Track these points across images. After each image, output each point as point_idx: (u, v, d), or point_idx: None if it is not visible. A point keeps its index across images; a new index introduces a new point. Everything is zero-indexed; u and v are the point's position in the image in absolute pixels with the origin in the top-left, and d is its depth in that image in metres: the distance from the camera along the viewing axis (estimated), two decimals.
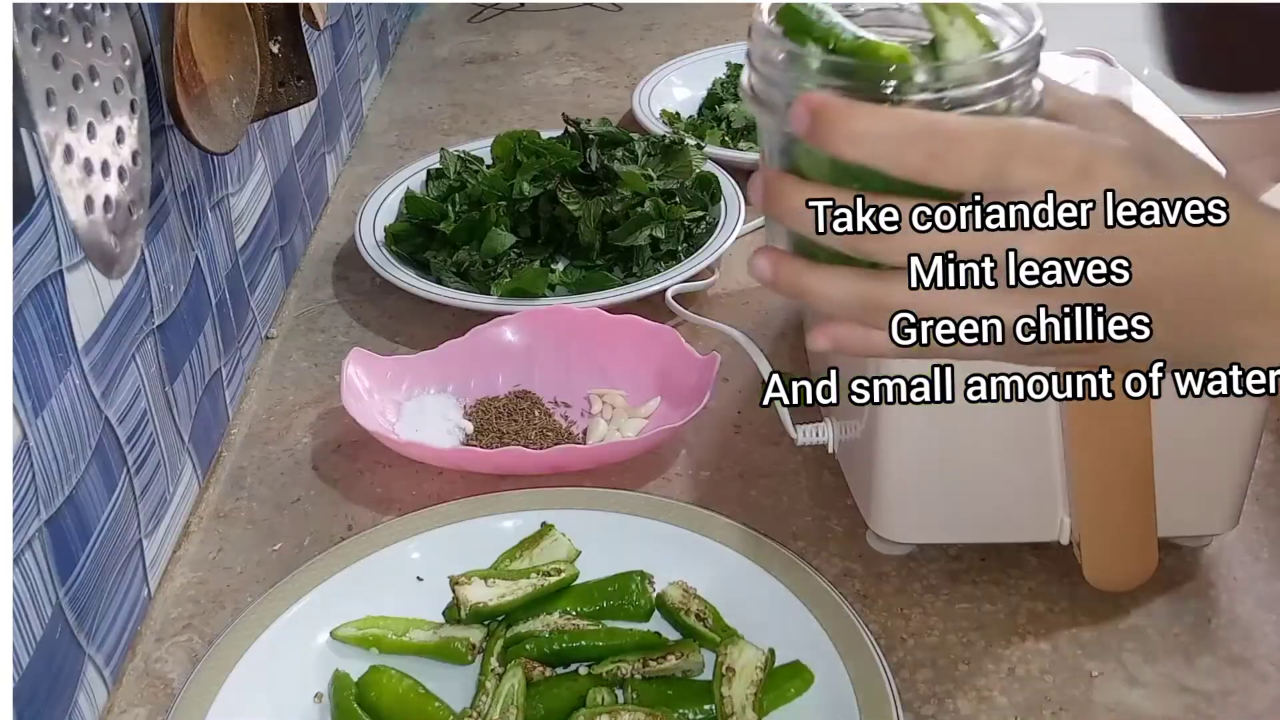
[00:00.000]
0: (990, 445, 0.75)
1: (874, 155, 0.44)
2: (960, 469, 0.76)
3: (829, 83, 0.45)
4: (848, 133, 0.44)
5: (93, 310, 0.72)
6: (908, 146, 0.44)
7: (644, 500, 0.83)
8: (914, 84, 0.45)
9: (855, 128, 0.44)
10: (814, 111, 0.44)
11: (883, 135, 0.44)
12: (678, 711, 0.70)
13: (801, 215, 0.46)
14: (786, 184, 0.47)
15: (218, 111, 0.82)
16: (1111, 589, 0.77)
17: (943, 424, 0.75)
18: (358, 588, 0.78)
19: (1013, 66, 0.46)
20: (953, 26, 0.47)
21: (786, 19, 0.48)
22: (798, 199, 0.46)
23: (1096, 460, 0.73)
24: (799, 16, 0.48)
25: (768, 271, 0.49)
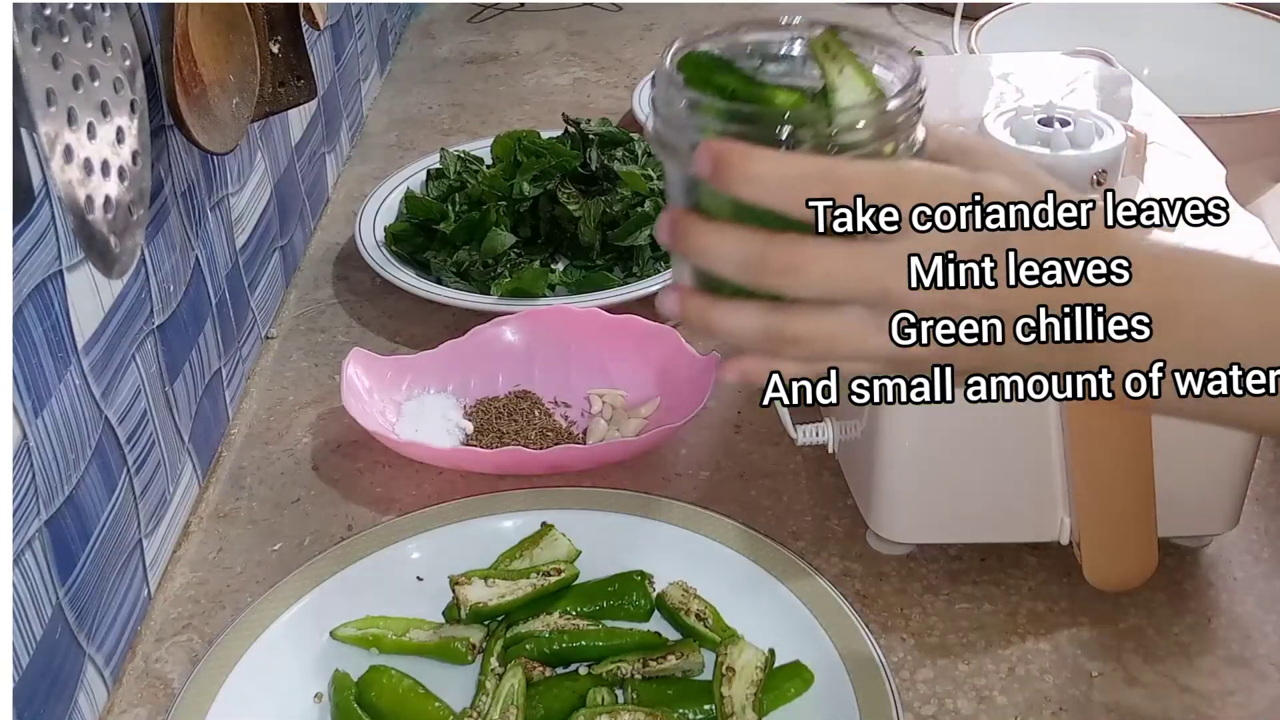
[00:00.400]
0: (990, 445, 0.75)
1: (772, 197, 0.47)
2: (960, 469, 0.76)
3: (728, 129, 0.48)
4: (747, 176, 0.47)
5: (93, 310, 0.72)
6: (803, 189, 0.46)
7: (644, 500, 0.83)
8: (807, 130, 0.48)
9: (754, 172, 0.47)
10: (715, 157, 0.47)
11: (780, 179, 0.47)
12: (678, 711, 0.70)
13: (706, 252, 0.49)
14: (691, 223, 0.49)
15: (218, 111, 0.82)
16: (1111, 589, 0.77)
17: (943, 424, 0.75)
18: (358, 588, 0.78)
19: (897, 113, 0.49)
20: (841, 75, 0.50)
21: (687, 68, 0.51)
22: (702, 237, 0.49)
23: (1096, 460, 0.73)
24: (699, 66, 0.51)
25: (675, 309, 0.51)
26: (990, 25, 1.24)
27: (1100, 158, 0.72)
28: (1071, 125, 0.73)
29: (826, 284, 0.48)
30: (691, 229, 0.49)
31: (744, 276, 0.48)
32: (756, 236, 0.48)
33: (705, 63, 0.51)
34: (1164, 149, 0.82)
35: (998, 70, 0.93)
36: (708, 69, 0.51)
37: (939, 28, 1.60)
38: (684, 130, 0.49)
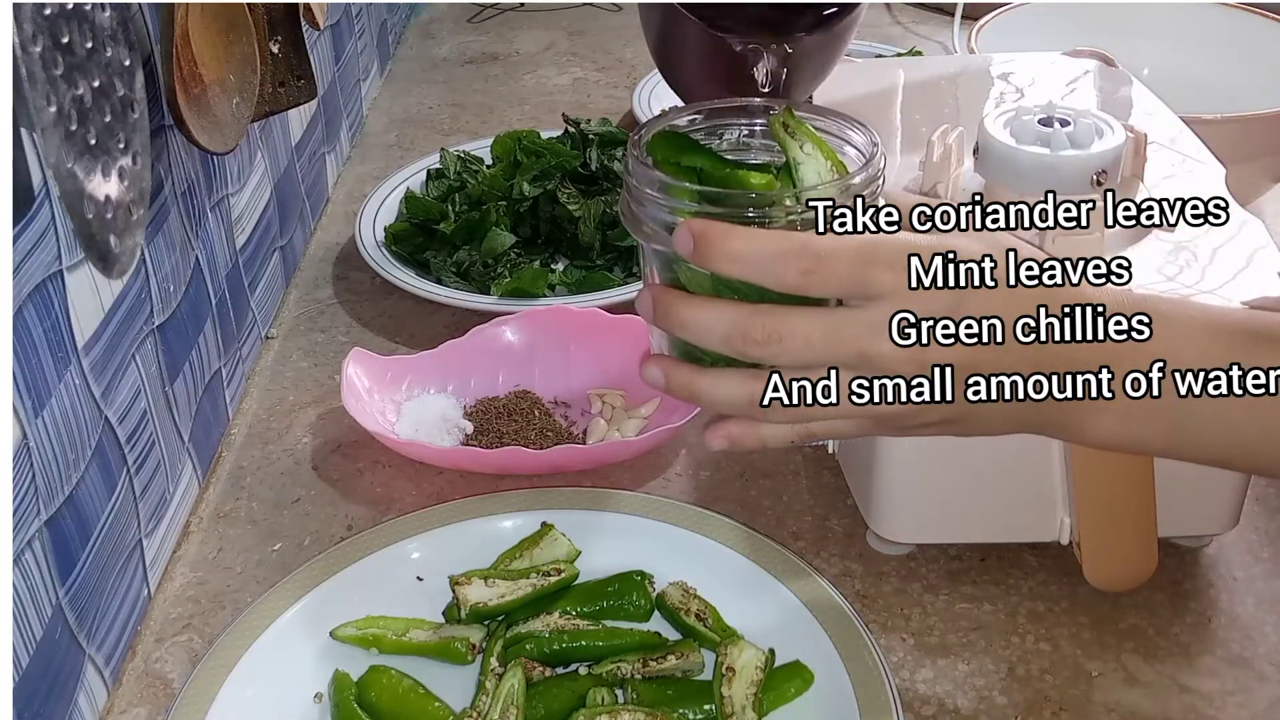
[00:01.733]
0: (990, 446, 0.75)
1: (751, 273, 0.50)
2: (960, 469, 0.76)
3: (703, 209, 0.51)
4: (728, 254, 0.50)
5: (93, 310, 0.72)
6: (782, 265, 0.49)
7: (644, 500, 0.83)
8: (778, 209, 0.51)
9: (733, 250, 0.50)
10: (697, 236, 0.49)
11: (759, 255, 0.50)
12: (678, 711, 0.70)
13: (689, 327, 0.52)
14: (673, 299, 0.52)
15: (218, 111, 0.82)
16: (1111, 589, 0.77)
17: None
18: (358, 588, 0.78)
19: (863, 186, 0.52)
20: (802, 150, 0.53)
21: (657, 150, 0.54)
22: (685, 312, 0.52)
23: (1096, 460, 0.73)
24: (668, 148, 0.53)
25: (660, 380, 0.54)
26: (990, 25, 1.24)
27: (1100, 158, 0.72)
28: (1071, 125, 0.73)
29: (807, 352, 0.50)
30: (674, 305, 0.52)
31: (728, 348, 0.51)
32: (739, 310, 0.51)
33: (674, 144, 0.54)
34: (1164, 149, 0.82)
35: (998, 70, 0.93)
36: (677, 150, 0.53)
37: (939, 28, 1.60)
38: (658, 210, 0.52)
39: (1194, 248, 0.74)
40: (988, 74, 0.92)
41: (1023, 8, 1.28)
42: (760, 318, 0.50)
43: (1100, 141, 0.72)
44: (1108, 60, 0.94)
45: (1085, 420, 0.54)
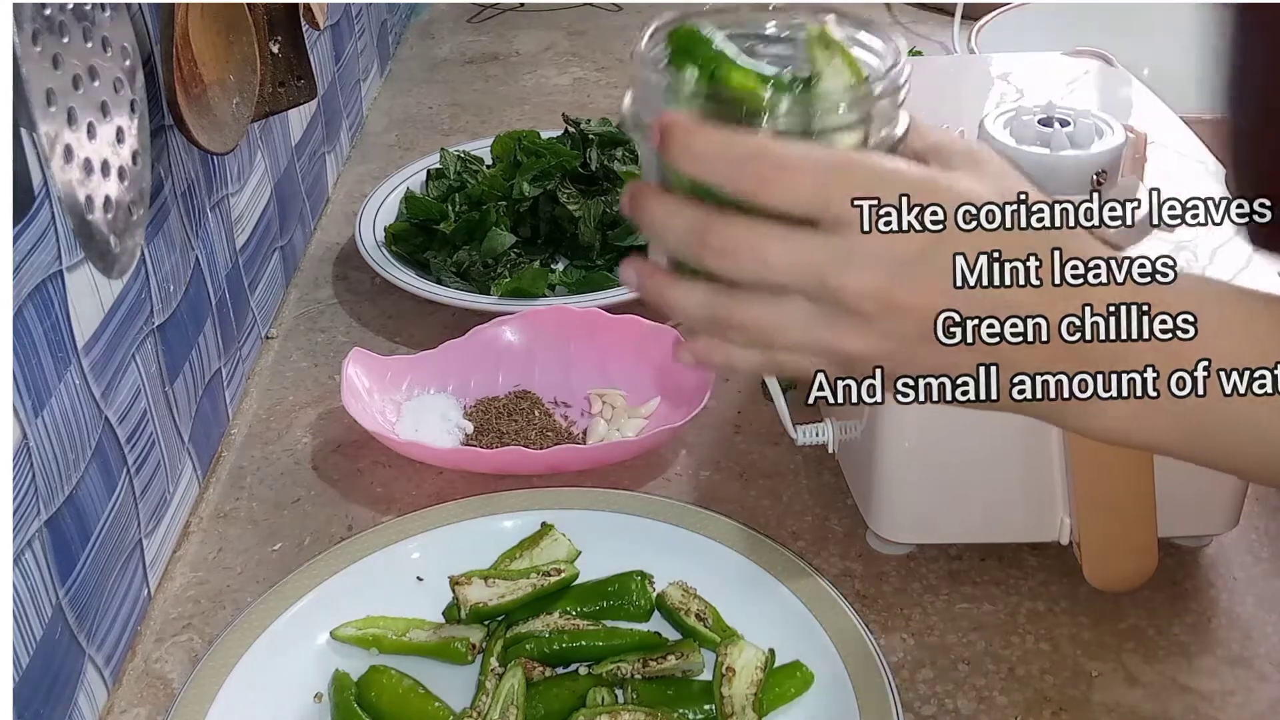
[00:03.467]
0: (990, 445, 0.75)
1: (710, 173, 0.47)
2: (960, 469, 0.76)
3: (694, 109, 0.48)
4: (689, 151, 0.47)
5: (93, 310, 0.72)
6: (738, 168, 0.46)
7: (644, 500, 0.83)
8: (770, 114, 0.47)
9: (695, 147, 0.46)
10: (663, 129, 0.47)
11: (717, 156, 0.46)
12: (678, 711, 0.70)
13: (654, 224, 0.49)
14: (648, 193, 0.49)
15: (218, 111, 0.82)
16: (1111, 589, 0.77)
17: (943, 424, 0.75)
18: (358, 588, 0.78)
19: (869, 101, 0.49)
20: (830, 65, 0.50)
21: (677, 39, 0.51)
22: (654, 208, 0.49)
23: (1096, 460, 0.73)
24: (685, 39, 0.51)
25: (633, 280, 0.51)
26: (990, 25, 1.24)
27: (1100, 158, 0.72)
28: (1071, 125, 0.73)
29: (761, 270, 0.47)
30: (646, 200, 0.49)
31: (686, 252, 0.48)
32: (701, 213, 0.47)
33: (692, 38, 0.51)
34: (1164, 149, 0.82)
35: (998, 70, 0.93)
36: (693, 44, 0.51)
37: (939, 28, 1.60)
38: (654, 109, 0.49)
39: (1194, 247, 0.74)
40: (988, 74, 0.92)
41: (1023, 8, 1.28)
42: (720, 224, 0.47)
43: (1100, 141, 0.72)
44: (1108, 60, 0.94)
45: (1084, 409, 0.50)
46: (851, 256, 0.46)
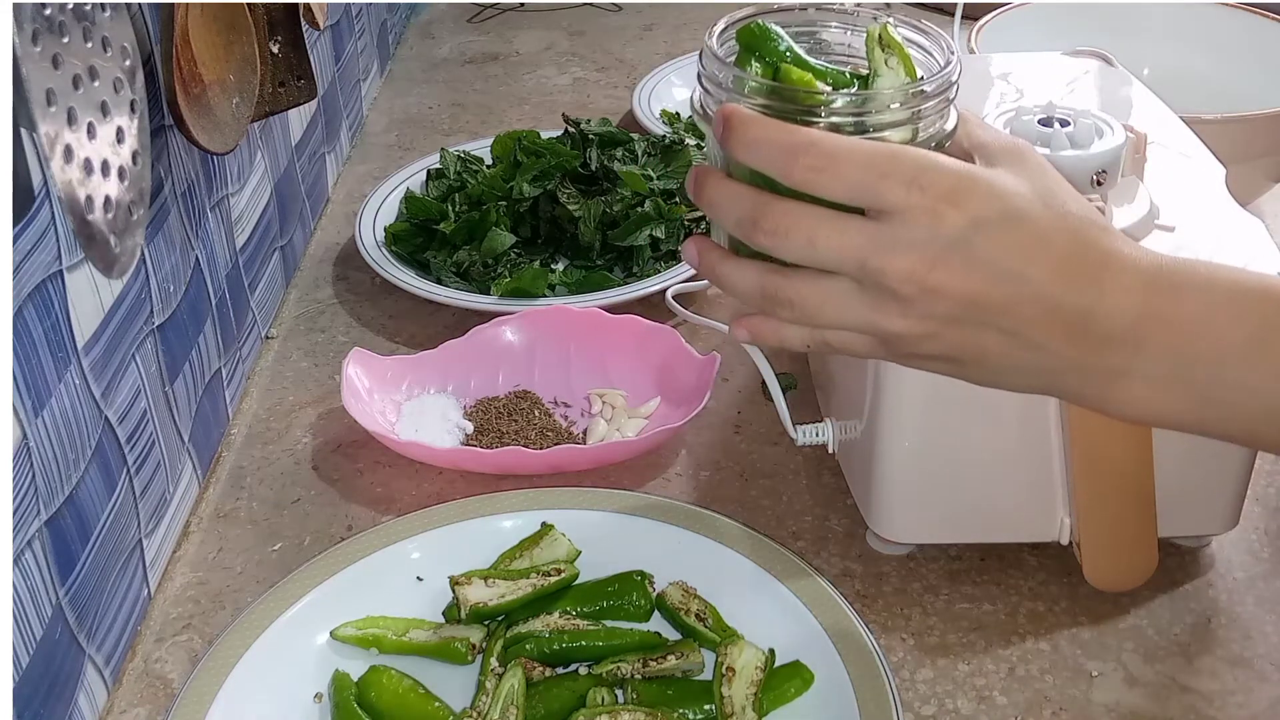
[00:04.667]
0: (990, 445, 0.75)
1: (764, 162, 0.50)
2: (960, 469, 0.76)
3: (757, 102, 0.51)
4: (744, 139, 0.50)
5: (93, 310, 0.72)
6: (791, 158, 0.49)
7: (644, 500, 0.83)
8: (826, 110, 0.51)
9: (750, 136, 0.50)
10: (725, 119, 0.50)
11: (772, 145, 0.49)
12: (678, 711, 0.70)
13: (712, 205, 0.52)
14: (710, 177, 0.52)
15: (218, 111, 0.82)
16: (1111, 589, 0.77)
17: (943, 424, 0.75)
18: (358, 588, 0.78)
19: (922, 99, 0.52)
20: (887, 64, 0.54)
21: (744, 36, 0.54)
22: (713, 190, 0.52)
23: (1096, 460, 0.73)
24: (755, 36, 0.54)
25: (693, 256, 0.55)
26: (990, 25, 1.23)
27: (1100, 158, 0.71)
28: (1071, 125, 0.73)
29: (808, 250, 0.50)
30: (707, 183, 0.52)
31: (739, 231, 0.51)
32: (757, 196, 0.50)
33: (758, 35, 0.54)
34: (1164, 149, 0.82)
35: (998, 70, 0.93)
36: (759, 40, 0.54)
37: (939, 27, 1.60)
38: (720, 99, 0.52)
39: (1194, 247, 0.74)
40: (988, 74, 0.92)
41: (1023, 8, 1.28)
42: (774, 207, 0.50)
43: (1100, 141, 0.72)
44: (1108, 60, 0.94)
45: (1107, 388, 0.52)
46: (894, 243, 0.49)
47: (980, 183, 0.49)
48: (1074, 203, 0.52)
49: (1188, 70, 1.23)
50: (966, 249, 0.49)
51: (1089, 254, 0.50)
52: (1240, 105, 1.07)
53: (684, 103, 1.44)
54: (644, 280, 1.08)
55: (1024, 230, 0.49)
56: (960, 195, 0.49)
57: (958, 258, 0.49)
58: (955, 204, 0.49)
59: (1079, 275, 0.50)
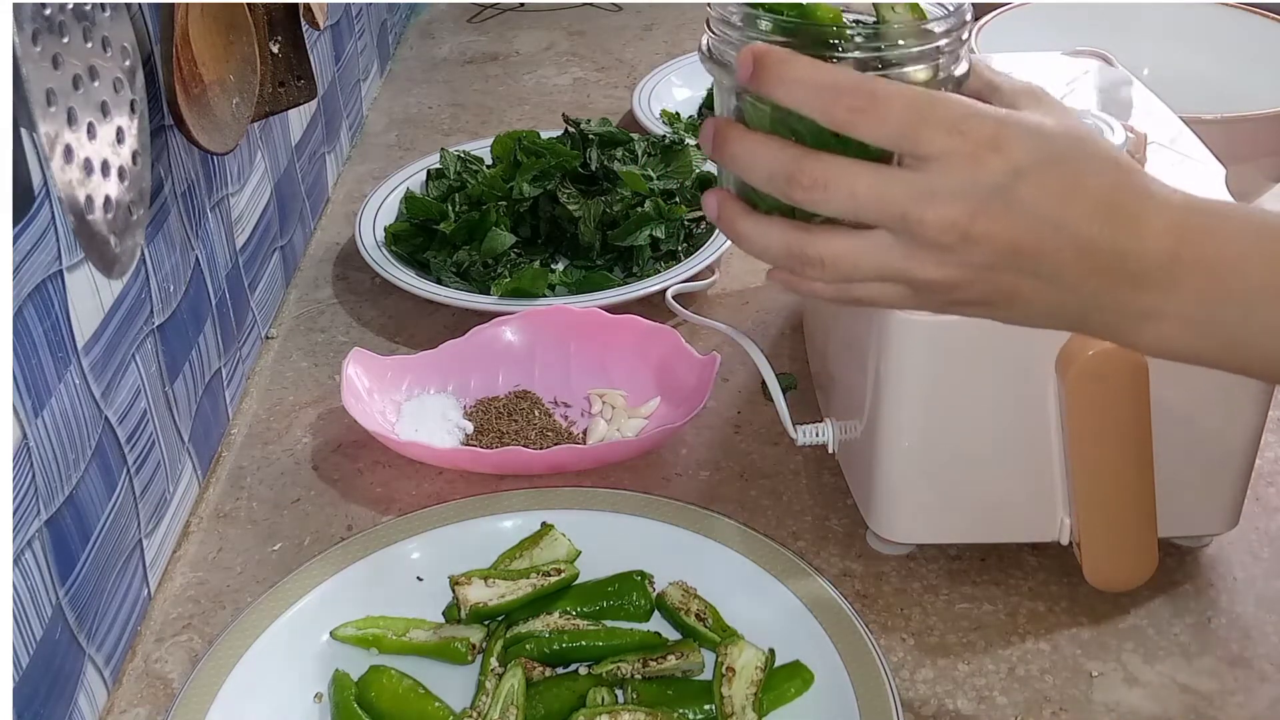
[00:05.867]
0: (990, 445, 0.75)
1: (804, 102, 0.48)
2: (960, 469, 0.76)
3: (775, 40, 0.50)
4: (784, 79, 0.48)
5: (93, 310, 0.72)
6: (835, 98, 0.48)
7: (644, 500, 0.83)
8: (849, 44, 0.50)
9: (791, 75, 0.48)
10: (757, 59, 0.49)
11: (814, 84, 0.48)
12: (678, 711, 0.70)
13: (740, 160, 0.50)
14: (730, 129, 0.51)
15: (218, 111, 0.82)
16: (1111, 589, 0.77)
17: (943, 424, 0.75)
18: (358, 588, 0.78)
19: (937, 37, 0.51)
20: (894, 12, 0.53)
21: None
22: (739, 144, 0.50)
23: (1096, 460, 0.73)
24: None
25: (714, 209, 0.53)
26: (990, 25, 1.23)
27: None
28: None
29: (850, 204, 0.49)
30: (730, 136, 0.51)
31: (772, 187, 0.50)
32: (790, 149, 0.49)
33: None
34: (1164, 149, 0.82)
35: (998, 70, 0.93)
36: None
37: None
38: (734, 43, 0.51)
39: None
40: None
41: (1023, 8, 1.27)
42: (809, 161, 0.49)
43: None
44: (1108, 60, 0.94)
45: (1138, 327, 0.52)
46: (935, 191, 0.48)
47: (1018, 128, 0.49)
48: (1102, 143, 0.52)
49: (1188, 70, 1.23)
50: (1008, 196, 0.48)
51: (1123, 196, 0.50)
52: (1240, 105, 1.07)
53: (684, 102, 1.44)
54: (644, 280, 1.08)
55: (1061, 175, 0.49)
56: (1001, 141, 0.48)
57: (999, 204, 0.48)
58: (997, 149, 0.48)
59: (1114, 218, 0.50)
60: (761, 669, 0.71)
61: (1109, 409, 0.71)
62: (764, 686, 0.70)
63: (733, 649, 0.71)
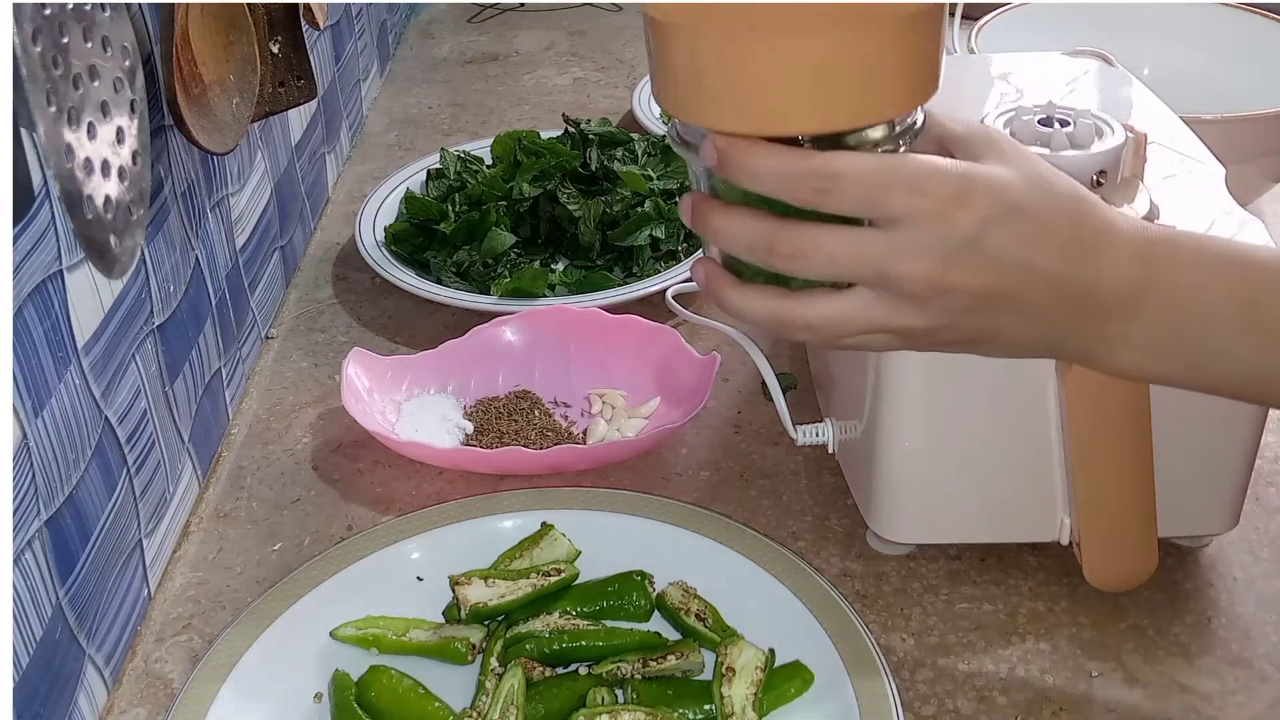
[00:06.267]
0: (990, 445, 0.75)
1: (770, 189, 0.51)
2: (960, 469, 0.76)
3: None
4: (746, 169, 0.51)
5: (93, 310, 0.72)
6: (797, 181, 0.50)
7: (644, 500, 0.83)
8: None
9: (752, 165, 0.51)
10: (720, 151, 0.51)
11: (776, 171, 0.50)
12: (678, 711, 0.70)
13: (720, 234, 0.53)
14: (706, 205, 0.54)
15: (218, 111, 0.82)
16: (1111, 589, 0.77)
17: (943, 424, 0.75)
18: (358, 588, 0.78)
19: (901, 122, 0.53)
20: None
21: None
22: (717, 219, 0.53)
23: (1096, 460, 0.73)
24: None
25: (702, 280, 0.56)
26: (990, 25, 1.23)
27: (1100, 158, 0.72)
28: (1071, 125, 0.73)
29: (829, 267, 0.51)
30: (708, 212, 0.53)
31: (754, 258, 0.52)
32: (765, 222, 0.52)
33: None
34: (1164, 149, 0.82)
35: (998, 70, 0.93)
36: None
37: None
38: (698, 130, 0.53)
39: None
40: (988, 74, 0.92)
41: (1023, 8, 1.28)
42: (786, 231, 0.51)
43: (1100, 142, 0.72)
44: (1108, 60, 0.94)
45: (1110, 353, 0.55)
46: (907, 248, 0.51)
47: (980, 181, 0.51)
48: (1059, 181, 0.54)
49: (1188, 70, 1.23)
50: (977, 247, 0.51)
51: (1085, 232, 0.53)
52: (1240, 105, 1.07)
53: None
54: (644, 280, 1.08)
55: (1026, 220, 0.52)
56: (964, 197, 0.51)
57: (970, 256, 0.51)
58: (961, 205, 0.50)
59: (1079, 253, 0.53)
60: (761, 669, 0.71)
61: (1109, 409, 0.71)
62: (764, 686, 0.70)
63: (733, 649, 0.71)
